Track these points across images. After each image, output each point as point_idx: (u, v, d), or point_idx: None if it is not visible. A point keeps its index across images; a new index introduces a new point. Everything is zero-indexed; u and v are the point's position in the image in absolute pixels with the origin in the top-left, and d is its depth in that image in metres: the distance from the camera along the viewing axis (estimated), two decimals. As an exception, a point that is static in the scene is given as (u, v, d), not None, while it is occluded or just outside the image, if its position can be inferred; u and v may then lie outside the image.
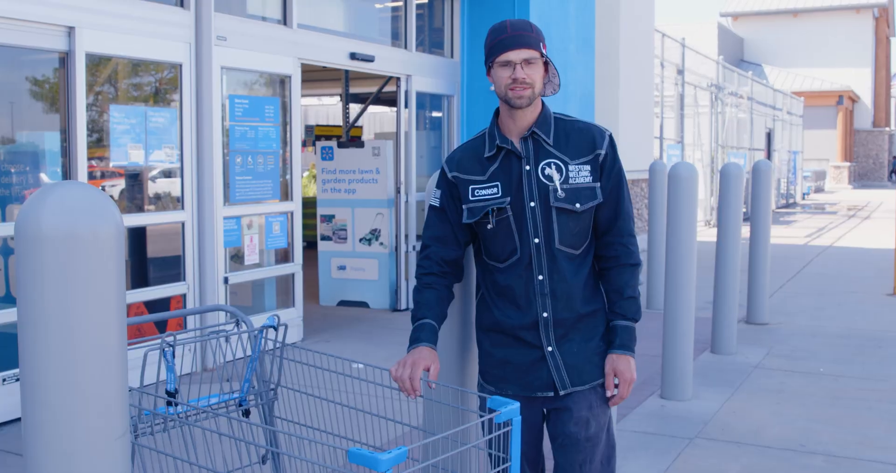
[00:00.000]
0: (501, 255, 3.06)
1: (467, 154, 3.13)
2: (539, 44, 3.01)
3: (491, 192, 3.03)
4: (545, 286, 3.01)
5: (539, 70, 3.02)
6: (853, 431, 5.81)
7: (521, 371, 3.06)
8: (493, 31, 3.04)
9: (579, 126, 3.10)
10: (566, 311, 3.03)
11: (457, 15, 10.67)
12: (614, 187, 3.08)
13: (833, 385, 6.91)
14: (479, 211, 3.04)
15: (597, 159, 3.05)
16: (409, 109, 10.03)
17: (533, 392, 3.05)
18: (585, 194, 3.01)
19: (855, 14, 47.06)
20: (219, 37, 7.33)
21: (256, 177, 7.87)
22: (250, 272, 7.96)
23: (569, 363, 3.03)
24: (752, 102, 26.12)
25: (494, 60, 3.00)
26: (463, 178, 3.09)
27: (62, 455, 1.91)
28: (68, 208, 1.84)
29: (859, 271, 13.44)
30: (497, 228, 3.03)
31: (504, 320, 3.06)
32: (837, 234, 19.84)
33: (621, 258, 3.09)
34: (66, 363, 1.87)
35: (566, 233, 3.02)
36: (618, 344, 3.07)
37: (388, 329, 9.01)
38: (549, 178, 3.00)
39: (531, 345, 3.04)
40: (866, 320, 9.60)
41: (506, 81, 2.98)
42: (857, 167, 49.69)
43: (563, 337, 3.04)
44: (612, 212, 3.08)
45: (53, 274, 1.84)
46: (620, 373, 3.05)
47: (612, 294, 3.10)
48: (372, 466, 2.13)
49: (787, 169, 30.97)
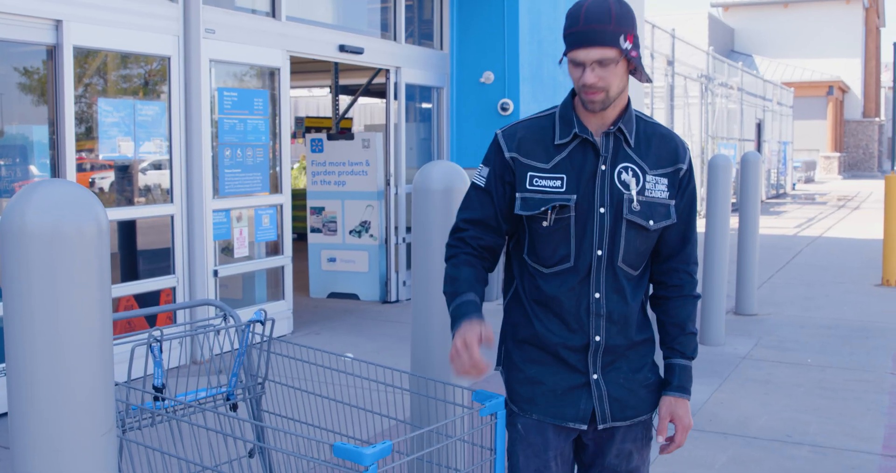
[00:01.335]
0: (550, 259, 2.65)
1: (531, 134, 2.68)
2: (618, 39, 2.51)
3: (554, 184, 2.62)
4: (602, 307, 2.63)
5: (615, 71, 2.55)
6: (839, 422, 5.85)
7: (555, 396, 2.67)
8: (568, 17, 2.58)
9: (662, 131, 2.73)
10: (620, 337, 2.66)
11: (446, 6, 10.67)
12: (687, 208, 2.74)
13: (820, 376, 6.95)
14: (537, 204, 2.62)
15: (676, 174, 2.69)
16: (398, 101, 10.03)
17: (564, 422, 2.66)
18: (660, 211, 2.65)
19: (845, 4, 47.10)
20: (207, 29, 7.32)
21: (246, 170, 7.87)
22: (240, 265, 7.97)
23: (613, 394, 2.67)
24: (743, 92, 26.15)
25: (566, 54, 2.59)
26: (523, 161, 2.65)
27: (49, 451, 1.93)
28: (53, 205, 1.86)
29: (848, 262, 13.50)
30: (554, 227, 2.62)
31: (546, 335, 2.66)
32: (827, 224, 19.91)
33: (685, 288, 2.76)
34: (51, 359, 1.89)
35: (631, 250, 2.64)
36: (676, 385, 2.73)
37: (378, 321, 9.03)
38: (626, 185, 2.61)
39: (573, 368, 2.66)
40: (854, 310, 9.65)
41: (578, 82, 2.57)
42: (848, 158, 49.80)
43: (611, 365, 2.67)
44: (682, 235, 2.74)
45: (39, 271, 1.86)
46: (679, 418, 2.72)
47: (672, 328, 2.75)
48: (356, 460, 2.16)
49: (778, 159, 31.04)
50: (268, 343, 3.24)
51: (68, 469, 1.93)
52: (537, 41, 10.73)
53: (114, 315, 2.05)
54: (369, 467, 2.15)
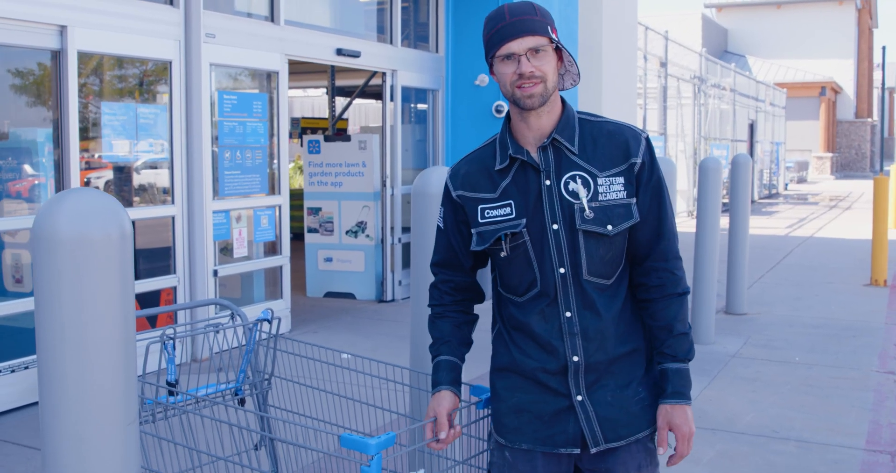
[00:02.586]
0: (519, 287, 2.59)
1: (475, 167, 2.63)
2: (546, 28, 2.48)
3: (504, 212, 2.55)
4: (574, 325, 2.53)
5: (551, 60, 2.49)
6: (825, 418, 6.01)
7: (542, 423, 2.57)
8: (490, 20, 2.53)
9: (609, 129, 2.59)
10: (600, 353, 2.54)
11: (441, 10, 10.81)
12: (653, 201, 2.58)
13: (807, 374, 7.11)
14: (489, 236, 2.56)
15: (632, 170, 2.55)
16: (394, 103, 10.18)
17: (555, 448, 2.56)
18: (619, 212, 2.52)
19: (838, 5, 47.32)
20: (207, 34, 7.46)
21: (245, 171, 8.02)
22: (239, 265, 8.11)
23: (602, 414, 2.54)
24: (735, 93, 26.33)
25: (494, 54, 2.50)
26: (470, 197, 2.60)
27: (76, 441, 2.07)
28: (82, 212, 2.00)
29: (838, 262, 13.67)
30: (512, 255, 2.56)
31: (524, 360, 2.58)
32: (818, 224, 20.08)
33: (667, 287, 2.60)
34: (79, 355, 2.04)
35: (595, 261, 2.53)
36: (670, 392, 2.59)
37: (375, 320, 9.18)
38: (575, 194, 2.51)
39: (555, 392, 2.56)
40: (843, 310, 9.81)
41: (511, 77, 2.48)
42: (840, 158, 50.03)
43: (595, 383, 2.55)
44: (653, 232, 2.59)
45: (68, 273, 2.01)
46: (677, 427, 2.58)
47: (659, 331, 2.60)
48: (362, 450, 2.30)
49: (770, 160, 31.22)
50: (274, 341, 3.38)
51: (94, 457, 2.08)
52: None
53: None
54: (374, 456, 2.29)
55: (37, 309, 2.05)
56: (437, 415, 2.57)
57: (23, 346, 6.22)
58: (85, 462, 2.06)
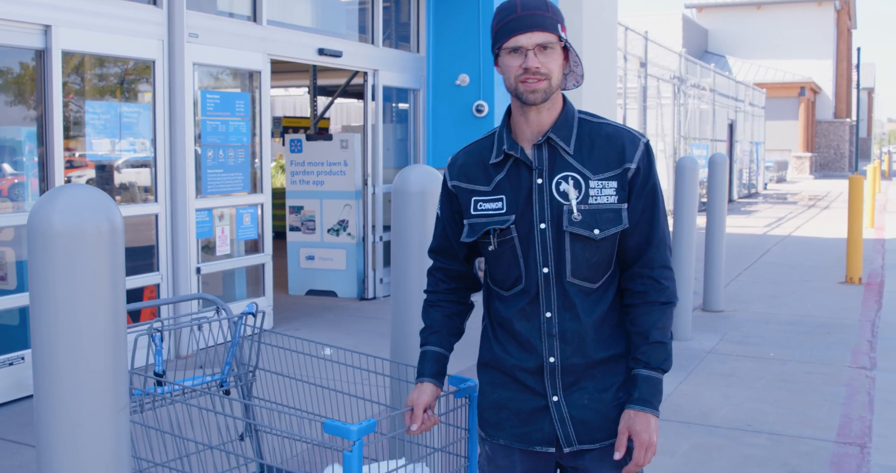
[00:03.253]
0: (506, 282, 2.60)
1: (471, 158, 2.64)
2: (557, 26, 2.47)
3: (495, 207, 2.56)
4: (553, 326, 2.53)
5: (557, 58, 2.49)
6: (797, 411, 6.14)
7: (519, 420, 2.60)
8: (501, 12, 2.51)
9: (608, 131, 2.57)
10: (577, 356, 2.54)
11: (422, 10, 10.91)
12: (646, 209, 2.56)
13: (781, 369, 7.24)
14: (479, 229, 2.58)
15: (625, 175, 2.53)
16: (375, 102, 10.27)
17: (531, 446, 2.59)
18: (607, 217, 2.51)
19: (817, 6, 47.66)
20: (191, 34, 7.53)
21: (227, 170, 8.09)
22: (222, 263, 8.18)
23: (577, 416, 2.55)
24: (715, 93, 26.51)
25: (502, 45, 2.49)
26: (465, 188, 2.62)
27: (69, 427, 2.16)
28: (76, 207, 2.10)
29: (815, 260, 13.84)
30: (499, 250, 2.57)
31: (504, 357, 2.61)
32: (796, 223, 20.28)
33: (649, 294, 2.57)
34: (73, 344, 2.13)
35: (580, 264, 2.52)
36: (636, 398, 2.53)
37: (356, 318, 9.27)
38: (565, 195, 2.50)
39: (533, 391, 2.58)
40: (818, 307, 9.96)
41: (516, 71, 2.47)
42: (819, 158, 50.39)
43: (573, 385, 2.56)
44: (643, 239, 2.58)
45: (62, 266, 2.10)
46: (636, 434, 2.51)
47: (636, 337, 2.57)
48: (345, 435, 2.40)
49: (750, 159, 31.46)
50: (259, 334, 3.47)
51: (86, 442, 2.17)
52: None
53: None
54: (356, 442, 2.38)
55: (31, 300, 2.14)
56: (413, 407, 2.64)
57: (5, 343, 6.28)
58: (78, 446, 2.16)
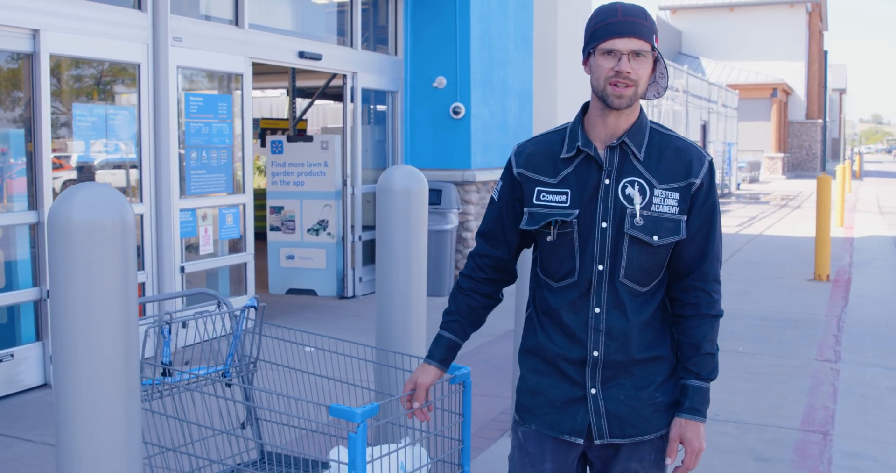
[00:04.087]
0: (557, 273, 2.68)
1: (540, 149, 2.72)
2: (652, 36, 2.56)
3: (559, 199, 2.64)
4: (601, 322, 2.62)
5: (647, 66, 2.57)
6: (764, 402, 6.38)
7: (554, 408, 2.69)
8: (600, 13, 2.59)
9: (677, 144, 2.67)
10: (620, 353, 2.63)
11: (400, 13, 11.11)
12: (704, 224, 2.66)
13: (750, 362, 7.49)
14: (540, 219, 2.65)
15: (689, 188, 2.62)
16: (354, 104, 10.47)
17: (561, 434, 2.67)
18: (667, 226, 2.60)
19: (789, 9, 48.21)
20: (175, 38, 7.70)
21: (210, 171, 8.27)
22: (205, 262, 8.35)
23: (612, 410, 2.64)
24: (688, 95, 26.85)
25: (597, 46, 2.56)
26: (530, 177, 2.70)
27: (88, 404, 2.36)
28: (93, 203, 2.30)
29: (785, 258, 14.14)
30: (557, 242, 2.65)
31: (548, 345, 2.69)
32: (768, 223, 20.61)
33: (702, 307, 2.66)
34: (91, 328, 2.33)
35: (634, 266, 2.61)
36: (687, 407, 2.64)
37: (336, 316, 9.45)
38: (630, 199, 2.59)
39: (572, 381, 2.67)
40: (787, 303, 10.24)
41: (607, 72, 2.54)
42: (791, 158, 50.95)
43: (611, 380, 2.65)
44: (698, 252, 2.67)
45: (80, 257, 2.31)
46: (688, 442, 2.64)
47: (688, 348, 2.67)
48: (349, 418, 2.57)
49: (723, 160, 31.83)
50: (260, 327, 3.65)
51: (103, 419, 2.37)
52: (488, 47, 11.22)
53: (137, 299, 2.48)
54: (360, 424, 2.56)
55: (52, 287, 2.34)
56: (417, 386, 2.77)
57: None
58: (95, 422, 2.36)
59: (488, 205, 2.82)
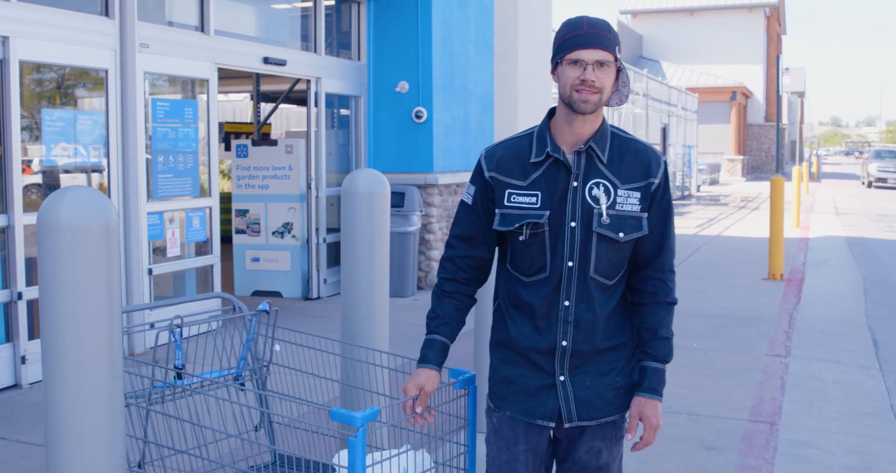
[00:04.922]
0: (529, 269, 2.86)
1: (510, 153, 2.89)
2: (615, 47, 2.77)
3: (530, 201, 2.82)
4: (570, 314, 2.82)
5: (611, 76, 2.78)
6: (715, 395, 6.64)
7: (526, 395, 2.90)
8: (567, 26, 2.80)
9: (636, 147, 2.88)
10: (587, 343, 2.84)
11: (363, 19, 11.30)
12: (661, 219, 2.89)
13: (703, 358, 7.76)
14: (513, 220, 2.83)
15: (648, 188, 2.85)
16: (318, 109, 10.65)
17: (534, 419, 2.89)
18: (631, 223, 2.82)
19: (748, 13, 48.87)
20: (142, 44, 7.85)
21: (177, 174, 8.42)
22: (172, 264, 8.50)
23: (579, 395, 2.86)
24: (648, 98, 27.20)
25: (564, 56, 2.76)
26: (501, 179, 2.87)
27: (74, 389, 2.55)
28: (80, 205, 2.48)
29: (741, 258, 14.47)
30: (529, 241, 2.83)
31: (519, 338, 2.89)
32: (726, 224, 20.98)
33: (659, 295, 2.90)
34: (78, 321, 2.51)
35: (603, 261, 2.82)
36: (646, 387, 2.87)
37: (302, 317, 9.62)
38: (596, 200, 2.79)
39: (542, 370, 2.87)
40: (741, 301, 10.54)
41: (573, 81, 2.73)
42: (751, 160, 51.63)
43: (578, 368, 2.85)
44: (656, 245, 2.90)
45: (68, 256, 2.48)
46: (647, 418, 2.86)
47: (646, 333, 2.90)
48: (349, 422, 2.63)
49: (683, 162, 32.26)
50: (272, 331, 3.76)
51: (88, 401, 2.56)
52: (449, 53, 11.44)
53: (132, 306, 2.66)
54: (360, 428, 2.63)
55: (41, 284, 2.52)
56: (421, 393, 2.87)
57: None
58: (81, 405, 2.54)
59: (460, 209, 2.98)
